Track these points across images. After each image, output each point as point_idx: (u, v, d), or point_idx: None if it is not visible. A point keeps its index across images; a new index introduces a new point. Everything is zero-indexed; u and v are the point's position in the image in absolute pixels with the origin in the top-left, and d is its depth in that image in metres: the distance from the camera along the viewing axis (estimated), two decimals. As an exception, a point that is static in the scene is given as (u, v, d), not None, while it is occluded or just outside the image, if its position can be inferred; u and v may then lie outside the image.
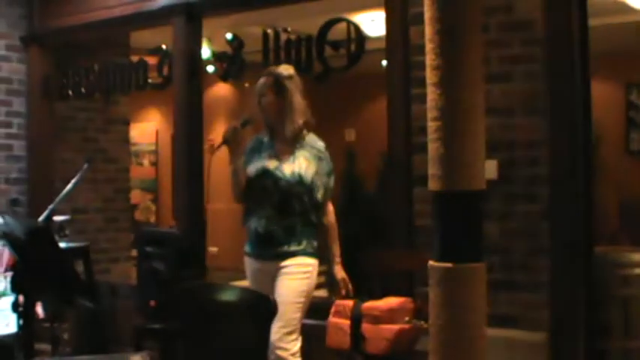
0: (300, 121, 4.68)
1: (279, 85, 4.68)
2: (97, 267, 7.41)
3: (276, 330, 4.46)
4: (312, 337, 4.76)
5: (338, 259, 4.79)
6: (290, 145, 4.69)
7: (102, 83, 7.50)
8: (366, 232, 7.84)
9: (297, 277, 4.60)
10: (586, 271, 4.82)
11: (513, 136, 5.00)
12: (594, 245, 4.97)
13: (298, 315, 4.58)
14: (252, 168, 4.72)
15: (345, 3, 6.42)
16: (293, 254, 4.61)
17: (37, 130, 7.98)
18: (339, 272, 4.79)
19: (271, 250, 4.64)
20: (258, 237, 4.68)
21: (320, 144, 4.74)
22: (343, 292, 4.79)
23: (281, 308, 4.45)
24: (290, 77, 4.72)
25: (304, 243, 4.63)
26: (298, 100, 4.69)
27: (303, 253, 4.63)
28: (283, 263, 4.61)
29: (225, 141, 4.69)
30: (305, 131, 4.73)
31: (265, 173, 4.65)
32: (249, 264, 4.81)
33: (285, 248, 4.61)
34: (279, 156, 4.69)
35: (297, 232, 4.62)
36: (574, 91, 4.80)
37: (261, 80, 4.75)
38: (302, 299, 4.59)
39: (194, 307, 3.61)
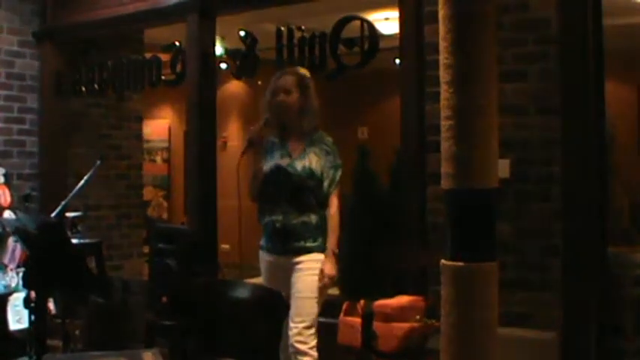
0: (317, 120, 4.83)
1: (303, 83, 4.82)
2: (109, 263, 7.43)
3: (294, 325, 4.54)
4: (324, 334, 4.76)
5: (329, 250, 4.70)
6: (301, 142, 4.80)
7: (115, 80, 7.50)
8: (379, 230, 7.83)
9: (313, 273, 4.64)
10: (599, 270, 4.81)
11: (527, 134, 4.99)
12: (607, 245, 4.96)
13: (315, 310, 4.63)
14: (266, 167, 4.80)
15: (360, 1, 6.43)
16: (309, 250, 4.68)
17: (49, 127, 7.99)
18: (324, 264, 4.66)
19: (287, 245, 4.71)
20: (275, 232, 4.75)
21: (328, 139, 4.85)
22: (321, 282, 4.65)
23: (299, 303, 4.55)
24: (309, 78, 4.89)
25: (319, 239, 4.70)
26: (316, 99, 4.85)
27: (319, 249, 4.69)
28: (299, 259, 4.68)
29: (250, 144, 4.77)
30: (315, 129, 4.85)
31: (278, 170, 4.74)
32: (263, 257, 4.89)
33: (302, 244, 4.68)
34: (291, 153, 4.80)
35: (312, 228, 4.69)
36: (588, 90, 4.79)
37: (283, 78, 4.86)
38: (319, 294, 4.65)
39: (206, 304, 3.62)
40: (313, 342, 4.61)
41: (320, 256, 4.67)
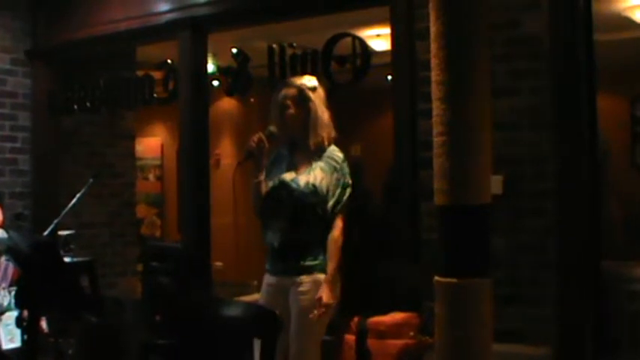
0: (324, 134, 4.55)
1: (302, 97, 4.54)
2: (103, 281, 7.40)
3: (293, 350, 4.35)
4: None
5: (326, 277, 4.39)
6: (310, 157, 4.54)
7: (107, 98, 7.50)
8: (373, 246, 7.85)
9: (313, 297, 4.36)
10: (593, 285, 4.81)
11: (520, 150, 5.00)
12: (601, 260, 4.95)
13: (316, 333, 4.43)
14: (270, 181, 4.56)
15: (351, 18, 6.44)
16: (309, 270, 4.40)
17: (42, 145, 7.99)
18: (322, 289, 4.37)
19: (287, 265, 4.45)
20: (275, 252, 4.51)
21: (339, 155, 4.58)
22: (318, 310, 4.34)
23: (299, 328, 4.36)
24: (313, 89, 4.58)
25: (320, 258, 4.41)
26: (322, 112, 4.57)
27: (320, 269, 4.40)
28: (298, 279, 4.40)
29: (249, 154, 4.52)
30: (326, 143, 4.57)
31: (281, 185, 4.49)
32: (266, 280, 4.61)
33: (301, 263, 4.41)
34: (298, 168, 4.54)
35: (312, 246, 4.41)
36: (580, 105, 4.79)
37: (283, 92, 4.58)
38: (322, 321, 4.40)
39: (199, 322, 3.60)
40: None
41: (321, 276, 4.39)
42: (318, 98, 4.58)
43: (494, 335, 3.36)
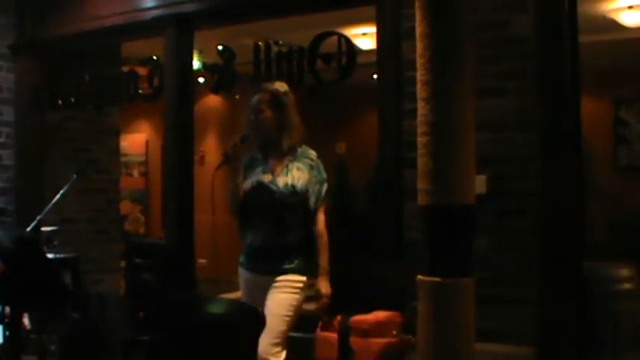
0: (297, 136, 4.70)
1: (276, 100, 4.69)
2: (87, 278, 7.38)
3: (263, 341, 4.43)
4: (301, 350, 4.74)
5: (322, 271, 4.65)
6: (283, 158, 4.70)
7: (93, 93, 7.48)
8: (356, 245, 7.87)
9: (287, 291, 4.56)
10: (575, 286, 4.82)
11: (504, 150, 5.00)
12: (583, 260, 4.97)
13: (285, 328, 4.53)
14: (248, 183, 4.69)
15: (337, 16, 6.44)
16: (285, 271, 4.57)
17: (25, 140, 7.94)
18: (320, 284, 4.64)
19: (266, 266, 4.62)
20: (254, 251, 4.68)
21: (312, 153, 4.74)
22: (318, 305, 4.65)
23: (270, 320, 4.46)
24: (285, 93, 4.74)
25: (296, 261, 4.59)
26: (293, 115, 4.72)
27: (293, 271, 4.58)
28: (275, 278, 4.58)
29: (227, 159, 4.69)
30: (298, 144, 4.73)
31: (260, 187, 4.64)
32: (242, 275, 4.78)
33: (279, 266, 4.58)
34: (273, 169, 4.69)
35: (292, 249, 4.61)
36: (564, 106, 4.81)
37: (257, 96, 4.74)
38: (290, 313, 4.55)
39: (182, 319, 3.60)
40: (280, 358, 4.55)
41: (296, 277, 4.59)
42: (290, 102, 4.75)
43: (477, 335, 3.37)
